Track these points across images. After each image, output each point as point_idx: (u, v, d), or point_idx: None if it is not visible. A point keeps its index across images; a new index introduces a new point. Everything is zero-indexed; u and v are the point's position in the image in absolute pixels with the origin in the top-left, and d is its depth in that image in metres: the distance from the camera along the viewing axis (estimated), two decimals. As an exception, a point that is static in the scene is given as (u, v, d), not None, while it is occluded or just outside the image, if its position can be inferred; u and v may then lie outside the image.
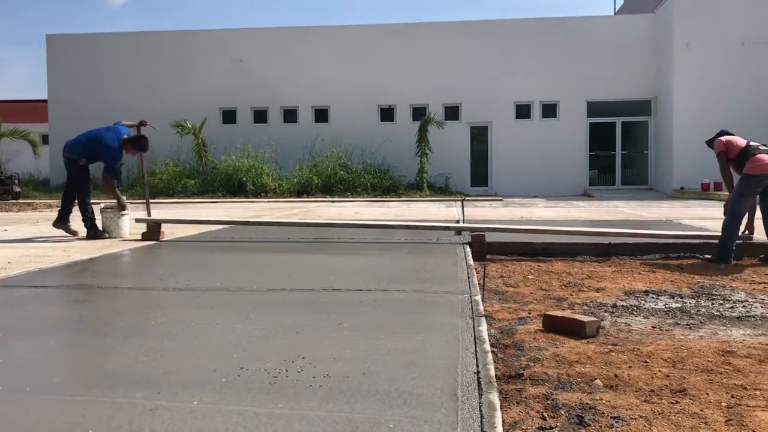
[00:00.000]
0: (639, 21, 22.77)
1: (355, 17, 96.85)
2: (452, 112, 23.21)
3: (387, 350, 2.89)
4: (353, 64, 23.05)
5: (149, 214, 8.52)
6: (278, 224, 8.93)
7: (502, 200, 19.00)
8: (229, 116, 23.94)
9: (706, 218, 10.33)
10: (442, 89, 22.84)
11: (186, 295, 4.28)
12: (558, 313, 3.80)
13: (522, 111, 23.11)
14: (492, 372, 2.56)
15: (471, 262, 5.68)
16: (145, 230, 7.69)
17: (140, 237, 7.63)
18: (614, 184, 23.36)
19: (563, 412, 2.43)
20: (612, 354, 3.19)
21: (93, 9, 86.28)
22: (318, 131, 22.86)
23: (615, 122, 23.27)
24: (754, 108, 19.33)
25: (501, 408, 2.24)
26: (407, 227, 8.07)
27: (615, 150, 23.41)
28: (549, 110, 23.02)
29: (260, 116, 23.91)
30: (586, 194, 21.62)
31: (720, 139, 6.62)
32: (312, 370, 2.57)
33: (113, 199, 8.23)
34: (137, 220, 8.04)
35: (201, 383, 2.44)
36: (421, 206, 15.98)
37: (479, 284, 4.77)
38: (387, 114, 23.48)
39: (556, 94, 22.73)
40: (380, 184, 21.25)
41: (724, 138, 6.61)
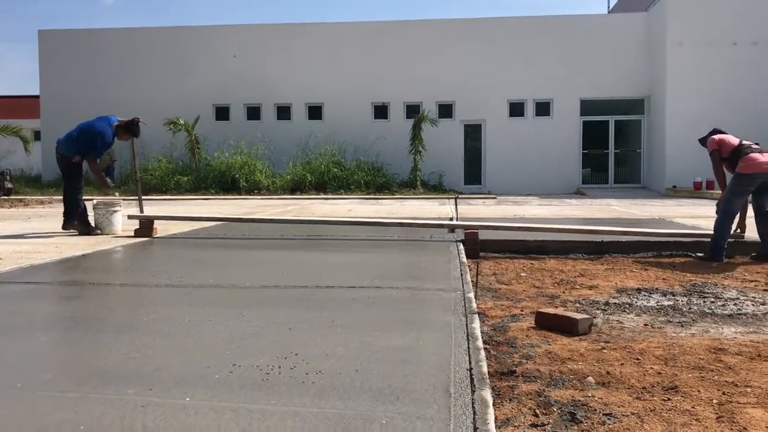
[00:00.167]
0: (632, 20, 22.81)
1: (350, 14, 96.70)
2: (446, 110, 23.21)
3: (380, 347, 2.89)
4: (347, 61, 23.02)
5: (142, 211, 8.49)
6: (271, 221, 8.92)
7: (496, 198, 19.01)
8: (223, 113, 23.87)
9: (699, 216, 10.37)
10: (436, 87, 22.84)
11: (178, 292, 4.26)
12: (550, 311, 3.81)
13: (515, 109, 23.12)
14: (484, 369, 2.57)
15: (464, 260, 5.69)
16: (138, 227, 7.67)
17: (132, 233, 7.61)
18: (607, 183, 23.42)
19: (555, 409, 2.43)
20: (604, 351, 3.20)
21: (88, 5, 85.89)
22: (312, 128, 22.82)
23: (608, 121, 23.32)
24: (747, 107, 19.42)
25: (493, 405, 2.24)
26: (401, 225, 8.07)
27: (608, 148, 23.46)
28: (542, 108, 23.05)
29: (254, 113, 23.85)
30: (579, 192, 21.67)
31: (712, 138, 6.65)
32: (305, 367, 2.57)
33: (99, 182, 8.24)
34: (130, 217, 8.01)
35: (193, 380, 2.44)
36: (415, 204, 15.98)
37: (472, 282, 4.77)
38: (381, 111, 23.47)
39: (550, 93, 22.76)
40: (374, 182, 21.23)
41: (717, 137, 6.65)
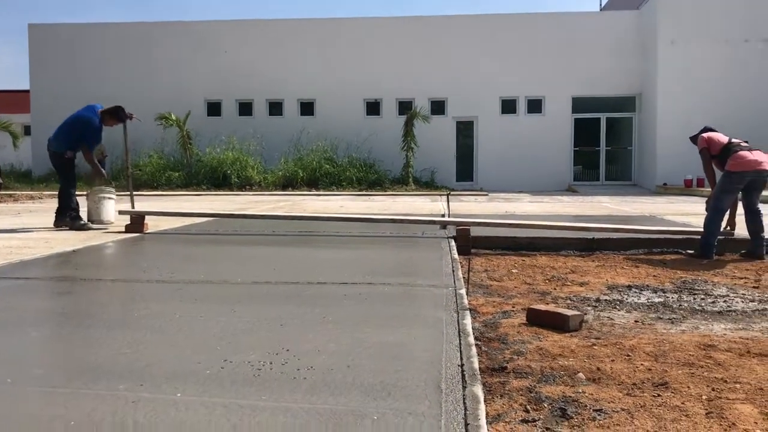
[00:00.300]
0: (624, 18, 22.88)
1: (342, 10, 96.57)
2: (438, 107, 23.23)
3: (371, 343, 2.89)
4: (340, 58, 22.99)
5: (133, 206, 8.46)
6: (263, 217, 8.91)
7: (488, 195, 19.05)
8: (214, 108, 23.80)
9: (689, 214, 10.41)
10: (429, 83, 22.85)
11: (170, 288, 4.25)
12: (542, 307, 3.82)
13: (508, 106, 23.17)
14: (476, 365, 2.57)
15: (456, 256, 5.70)
16: (129, 222, 7.64)
17: (124, 229, 7.58)
18: (598, 180, 23.50)
19: (546, 405, 2.44)
20: (595, 348, 3.21)
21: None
22: (304, 124, 22.80)
23: (599, 118, 23.40)
24: (738, 105, 19.52)
25: (485, 400, 2.25)
26: (393, 221, 8.07)
27: (599, 146, 23.55)
28: (534, 105, 23.10)
29: (245, 109, 23.80)
30: (571, 189, 21.74)
31: (702, 136, 6.68)
32: (296, 363, 2.57)
33: (95, 171, 8.23)
34: (120, 212, 7.98)
35: (184, 375, 2.43)
36: (407, 200, 15.98)
37: (464, 278, 4.78)
38: (373, 108, 23.45)
39: (542, 90, 22.81)
40: (366, 178, 21.23)
41: (706, 135, 6.68)
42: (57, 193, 8.32)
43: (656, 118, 20.81)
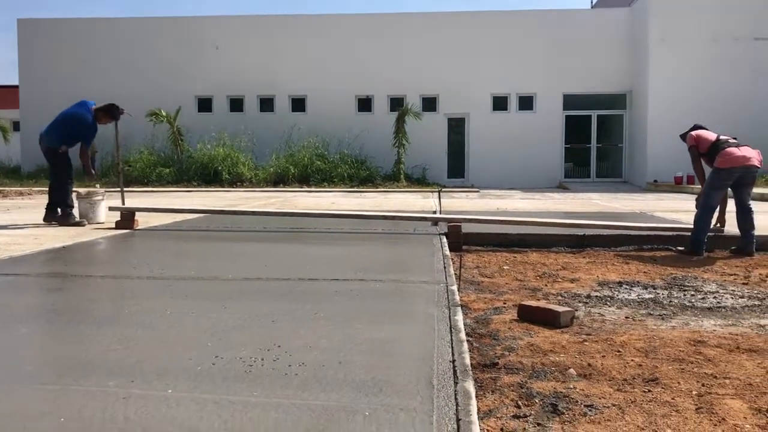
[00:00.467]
0: (615, 15, 22.94)
1: (334, 6, 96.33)
2: (430, 103, 23.23)
3: (363, 339, 2.89)
4: (331, 54, 22.93)
5: (123, 203, 8.42)
6: (254, 213, 8.88)
7: (479, 192, 19.07)
8: (205, 104, 23.71)
9: (679, 211, 10.46)
10: (420, 80, 22.84)
11: (160, 284, 4.24)
12: (533, 303, 3.84)
13: (499, 103, 23.20)
14: (467, 361, 2.58)
15: (447, 253, 5.70)
16: (119, 218, 7.60)
17: (114, 225, 7.54)
18: (589, 177, 23.57)
19: (537, 401, 2.45)
20: (586, 344, 3.23)
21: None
22: (295, 120, 22.74)
23: (590, 115, 23.46)
24: (727, 103, 19.61)
25: (476, 396, 2.25)
26: (384, 218, 8.07)
27: (590, 143, 23.61)
28: (525, 102, 23.14)
29: (236, 105, 23.72)
30: (562, 186, 21.79)
31: (691, 134, 6.72)
32: (288, 359, 2.56)
33: (86, 170, 8.18)
34: (111, 208, 7.94)
35: (175, 372, 2.42)
36: (399, 197, 15.98)
37: (455, 274, 4.78)
38: (364, 104, 23.43)
39: (533, 87, 22.85)
40: (357, 175, 21.21)
41: (695, 132, 6.71)
42: (48, 189, 8.27)
43: (647, 116, 20.88)
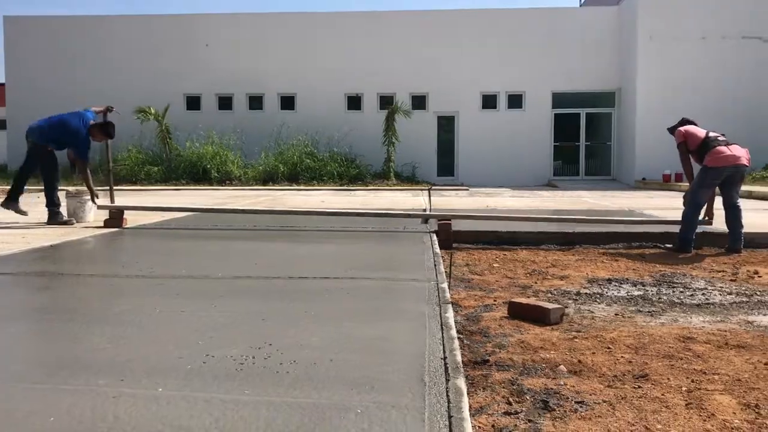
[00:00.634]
0: (604, 13, 23.03)
1: (323, 4, 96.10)
2: (419, 102, 23.23)
3: (354, 337, 2.89)
4: (320, 52, 22.89)
5: (112, 201, 8.37)
6: (244, 212, 8.86)
7: (468, 190, 19.10)
8: (194, 102, 23.61)
9: (667, 208, 10.51)
10: (410, 78, 22.84)
11: (150, 283, 4.22)
12: (523, 301, 3.85)
13: (488, 101, 23.24)
14: (458, 358, 2.58)
15: (438, 251, 5.70)
16: (108, 217, 7.56)
17: (102, 224, 7.50)
18: (578, 175, 23.66)
19: (528, 397, 2.46)
20: (576, 340, 3.24)
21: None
22: (284, 118, 22.69)
23: (579, 113, 23.55)
24: (714, 100, 19.73)
25: (467, 393, 2.25)
26: (375, 215, 8.07)
27: (579, 141, 23.70)
28: (515, 101, 23.19)
29: (225, 103, 23.64)
30: (551, 184, 21.87)
31: (679, 130, 6.70)
32: (279, 357, 2.56)
33: (86, 189, 8.10)
34: (99, 207, 7.90)
35: (166, 370, 2.41)
36: (388, 195, 15.98)
37: (446, 272, 4.79)
38: (354, 102, 23.41)
39: (522, 85, 22.90)
40: (347, 173, 21.19)
41: (683, 129, 6.70)
42: (14, 178, 8.20)
43: (635, 114, 20.98)
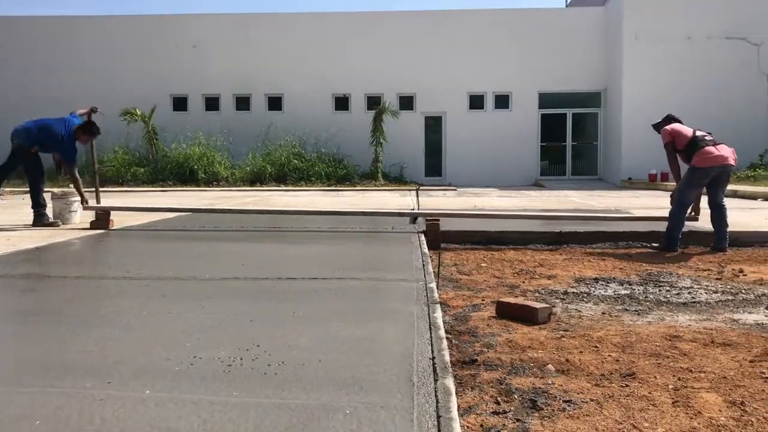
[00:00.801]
0: (590, 14, 23.14)
1: (310, 4, 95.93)
2: (407, 102, 23.24)
3: (343, 337, 2.88)
4: (308, 52, 22.83)
5: (99, 203, 8.32)
6: (231, 212, 8.83)
7: (456, 190, 19.13)
8: (180, 103, 23.48)
9: (653, 208, 10.57)
10: (397, 79, 22.84)
11: (137, 284, 4.19)
12: (511, 300, 3.86)
13: (475, 102, 23.28)
14: (447, 358, 2.58)
15: (426, 251, 5.71)
16: (94, 218, 7.51)
17: (89, 225, 7.45)
18: (565, 175, 23.76)
19: (516, 397, 2.46)
20: (563, 339, 3.25)
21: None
22: (272, 119, 22.63)
23: (566, 113, 23.65)
24: (700, 100, 19.85)
25: (456, 393, 2.26)
26: (364, 213, 8.08)
27: (566, 141, 23.81)
28: (502, 101, 23.25)
29: (212, 104, 23.52)
30: (538, 184, 21.94)
31: (666, 130, 6.71)
32: (267, 358, 2.55)
33: (74, 191, 8.06)
34: (85, 208, 7.85)
35: (153, 372, 2.40)
36: (377, 196, 15.97)
37: (434, 272, 4.80)
38: (341, 103, 23.38)
39: (509, 86, 22.97)
40: (335, 174, 21.16)
41: (670, 128, 6.71)
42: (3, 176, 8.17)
43: (621, 114, 21.10)
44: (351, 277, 4.41)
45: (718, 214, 6.53)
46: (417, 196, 12.25)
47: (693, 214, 6.87)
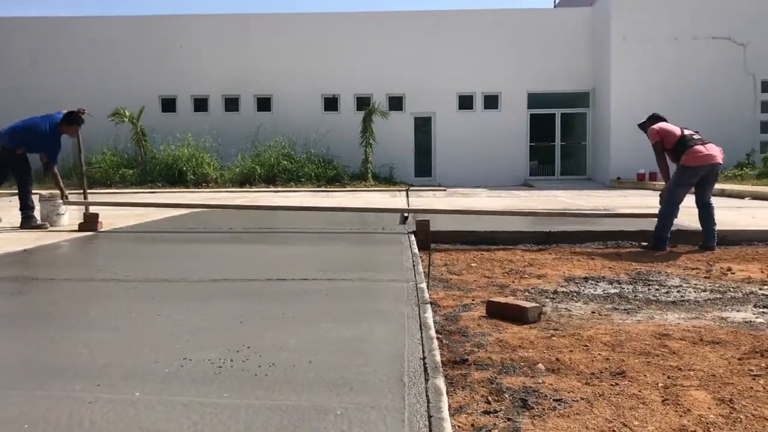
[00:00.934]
0: (578, 14, 23.25)
1: (299, 5, 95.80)
2: (396, 103, 23.26)
3: (333, 338, 2.88)
4: (296, 53, 22.81)
5: (86, 208, 8.27)
6: (217, 206, 8.80)
7: (446, 190, 19.16)
8: (169, 104, 23.40)
9: (642, 207, 10.61)
10: (387, 79, 22.86)
11: (126, 286, 4.17)
12: (501, 300, 3.86)
13: (465, 102, 23.34)
14: (438, 358, 2.58)
15: (416, 251, 5.71)
16: (83, 220, 7.47)
17: (77, 228, 7.41)
18: (554, 175, 23.86)
19: (507, 396, 2.47)
20: (553, 339, 3.26)
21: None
22: (261, 120, 22.59)
23: (554, 114, 23.75)
24: (687, 100, 19.98)
25: (447, 393, 2.26)
26: (355, 210, 8.10)
27: (554, 141, 23.90)
28: (491, 101, 23.31)
29: (201, 105, 23.46)
30: (527, 184, 22.02)
31: (653, 129, 6.71)
32: (257, 360, 2.54)
33: (57, 190, 8.02)
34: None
35: (143, 375, 2.38)
36: (367, 196, 15.97)
37: (424, 272, 4.80)
38: (331, 103, 23.37)
39: (498, 86, 23.04)
40: (324, 174, 21.15)
41: (657, 127, 6.71)
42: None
43: (609, 114, 21.21)
44: (341, 278, 4.40)
45: (706, 213, 6.56)
46: (407, 197, 12.26)
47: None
